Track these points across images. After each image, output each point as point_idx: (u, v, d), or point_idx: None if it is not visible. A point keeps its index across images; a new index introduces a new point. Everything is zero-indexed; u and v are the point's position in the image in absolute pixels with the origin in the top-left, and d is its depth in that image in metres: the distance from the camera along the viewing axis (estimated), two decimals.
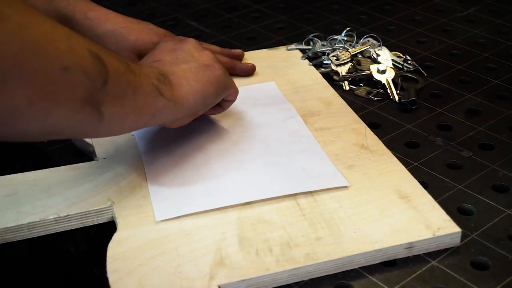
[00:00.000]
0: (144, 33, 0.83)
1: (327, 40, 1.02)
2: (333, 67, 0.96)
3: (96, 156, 0.78)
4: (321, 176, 0.75)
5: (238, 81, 0.85)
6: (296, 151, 0.79)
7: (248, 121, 0.85)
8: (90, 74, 0.57)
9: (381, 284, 0.64)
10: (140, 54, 0.82)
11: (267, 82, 0.94)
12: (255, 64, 0.96)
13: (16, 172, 0.75)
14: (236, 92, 0.78)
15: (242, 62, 0.96)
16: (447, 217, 0.69)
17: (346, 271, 0.65)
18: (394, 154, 0.79)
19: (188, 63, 0.72)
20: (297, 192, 0.72)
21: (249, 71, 0.94)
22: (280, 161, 0.77)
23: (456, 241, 0.68)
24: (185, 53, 0.74)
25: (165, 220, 0.69)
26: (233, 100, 0.79)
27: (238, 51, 0.96)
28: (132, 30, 0.82)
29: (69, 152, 0.82)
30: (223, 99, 0.77)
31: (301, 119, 0.85)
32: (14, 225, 0.68)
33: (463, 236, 0.69)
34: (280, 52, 1.01)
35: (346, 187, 0.73)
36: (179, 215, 0.69)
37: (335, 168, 0.76)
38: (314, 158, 0.78)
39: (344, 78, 0.95)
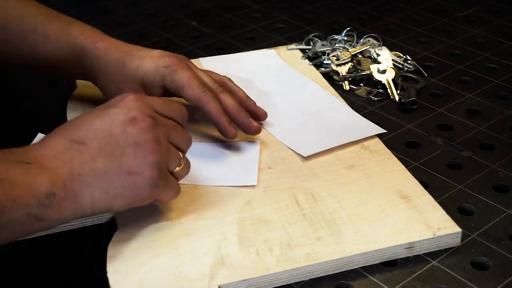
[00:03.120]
0: (146, 58, 0.79)
1: (327, 40, 1.02)
2: (333, 67, 0.96)
3: None
4: (358, 127, 0.80)
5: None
6: (325, 109, 0.85)
7: (268, 89, 0.90)
8: None
9: (382, 284, 0.64)
10: (143, 81, 0.78)
11: (267, 50, 0.99)
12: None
13: None
14: (170, 198, 0.66)
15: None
16: (448, 217, 0.69)
17: (347, 271, 0.65)
18: (394, 154, 0.79)
19: (109, 162, 0.61)
20: (342, 143, 0.78)
21: (257, 131, 0.80)
22: (314, 119, 0.83)
23: (457, 241, 0.68)
24: (117, 147, 0.62)
25: (166, 220, 0.69)
26: (163, 203, 0.69)
27: (262, 112, 0.83)
28: (135, 57, 0.79)
29: None
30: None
31: (316, 83, 0.90)
32: None
33: (464, 236, 0.68)
34: (281, 52, 1.01)
35: (346, 187, 0.73)
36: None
37: (367, 119, 0.83)
38: (344, 113, 0.84)
39: (344, 78, 0.95)
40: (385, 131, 0.82)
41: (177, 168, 0.66)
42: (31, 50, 0.82)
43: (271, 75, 0.94)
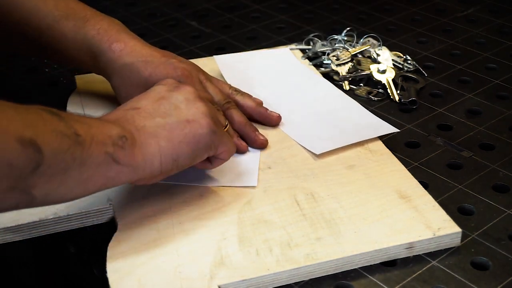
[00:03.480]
0: (160, 67, 0.78)
1: (327, 40, 1.02)
2: (333, 67, 0.96)
3: None
4: (371, 126, 0.81)
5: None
6: (338, 107, 0.86)
7: (282, 86, 0.91)
8: (17, 164, 0.54)
9: (381, 284, 0.64)
10: None
11: (281, 48, 1.00)
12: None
13: None
14: (229, 151, 0.71)
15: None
16: (448, 217, 0.69)
17: (346, 271, 0.65)
18: (394, 154, 0.79)
19: (167, 116, 0.67)
20: (355, 142, 0.79)
21: (263, 144, 0.81)
22: (327, 117, 0.83)
23: (457, 241, 0.68)
24: (170, 104, 0.68)
25: (166, 220, 0.69)
26: (225, 159, 0.72)
27: (275, 115, 0.84)
28: (149, 64, 0.79)
29: None
30: (213, 155, 0.70)
31: (329, 82, 0.92)
32: (14, 225, 0.68)
33: (464, 236, 0.68)
34: (277, 53, 1.01)
35: (346, 187, 0.73)
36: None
37: (379, 118, 0.84)
38: (357, 113, 0.85)
39: (344, 78, 0.95)
40: (398, 130, 0.82)
41: (224, 127, 0.72)
42: (48, 45, 0.82)
43: (285, 73, 0.94)
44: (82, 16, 0.81)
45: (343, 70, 0.95)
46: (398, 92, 0.92)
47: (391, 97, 0.91)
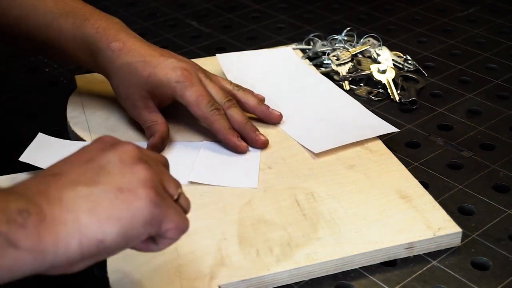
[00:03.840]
0: (159, 67, 0.77)
1: (327, 40, 1.02)
2: (334, 67, 0.96)
3: None
4: (371, 125, 0.82)
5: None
6: (338, 107, 0.86)
7: (283, 85, 0.91)
8: None
9: (382, 284, 0.64)
10: (152, 90, 0.78)
11: (283, 47, 1.00)
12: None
13: (17, 172, 0.75)
14: (177, 228, 0.53)
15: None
16: (448, 217, 0.69)
17: (347, 271, 0.65)
18: (394, 154, 0.79)
19: (92, 184, 0.50)
20: (354, 141, 0.79)
21: (264, 144, 0.79)
22: (327, 117, 0.84)
23: (457, 241, 0.68)
24: (99, 168, 0.52)
25: None
26: (173, 239, 0.54)
27: (277, 114, 0.83)
28: (148, 64, 0.78)
29: None
30: (157, 234, 0.54)
31: (331, 81, 0.92)
32: None
33: (464, 236, 0.68)
34: (280, 52, 1.01)
35: (346, 187, 0.73)
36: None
37: (380, 118, 0.84)
38: (357, 112, 0.85)
39: (344, 78, 0.95)
40: (398, 130, 0.82)
41: (176, 196, 0.55)
42: (46, 42, 0.81)
43: (286, 72, 0.94)
44: (81, 14, 0.80)
45: (343, 70, 0.95)
46: (398, 92, 0.92)
47: (391, 97, 0.91)
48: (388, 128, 0.82)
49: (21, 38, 0.83)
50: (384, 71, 0.94)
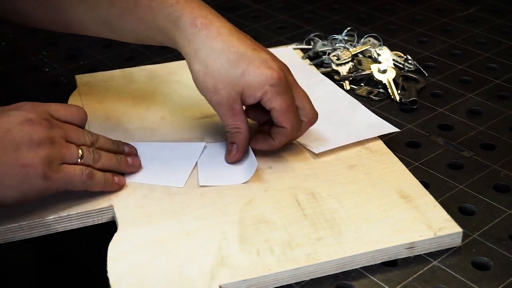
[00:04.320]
0: (253, 65, 0.70)
1: (327, 39, 1.02)
2: (334, 67, 0.96)
3: None
4: (372, 126, 0.82)
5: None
6: (339, 107, 0.86)
7: None
8: None
9: (382, 284, 0.64)
10: (243, 91, 0.71)
11: (284, 47, 1.00)
12: None
13: None
14: (76, 187, 0.69)
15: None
16: (448, 217, 0.69)
17: (347, 271, 0.65)
18: (395, 154, 0.79)
19: (5, 155, 0.64)
20: (354, 141, 0.79)
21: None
22: (328, 117, 0.83)
23: (458, 241, 0.68)
24: (12, 142, 0.65)
25: (166, 220, 0.69)
26: (101, 189, 0.71)
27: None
28: (242, 59, 0.70)
29: None
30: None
31: (331, 81, 0.92)
32: (14, 225, 0.68)
33: (464, 236, 0.68)
34: (281, 52, 1.01)
35: (346, 187, 0.73)
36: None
37: (380, 118, 0.84)
38: (358, 112, 0.86)
39: (344, 78, 0.95)
40: (399, 130, 0.82)
41: (78, 159, 0.68)
42: (119, 17, 0.74)
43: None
44: None
45: (343, 70, 0.95)
46: (399, 92, 0.92)
47: (392, 97, 0.91)
48: (389, 128, 0.82)
49: (93, 15, 0.76)
50: (384, 71, 0.94)
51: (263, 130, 0.78)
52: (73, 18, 0.77)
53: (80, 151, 0.69)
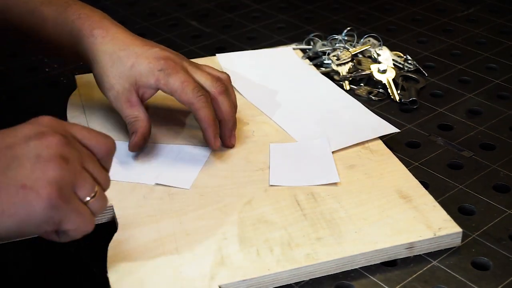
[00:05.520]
0: (142, 57, 0.75)
1: (327, 39, 1.02)
2: (334, 67, 0.96)
3: None
4: (372, 126, 0.81)
5: None
6: (339, 107, 0.86)
7: (284, 85, 0.91)
8: None
9: (382, 284, 0.64)
10: (135, 81, 0.76)
11: (284, 47, 1.00)
12: None
13: None
14: (79, 230, 0.55)
15: None
16: (448, 217, 0.69)
17: (347, 271, 0.65)
18: (395, 154, 0.79)
19: (1, 174, 0.52)
20: (355, 142, 0.79)
21: (228, 147, 0.79)
22: (328, 117, 0.83)
23: (457, 241, 0.68)
24: (14, 158, 0.52)
25: (166, 220, 0.69)
26: (75, 237, 0.56)
27: (232, 142, 0.79)
28: (131, 53, 0.75)
29: None
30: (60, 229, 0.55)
31: (331, 81, 0.92)
32: None
33: (464, 236, 0.68)
34: (280, 52, 1.01)
35: (346, 187, 0.73)
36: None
37: (380, 118, 0.84)
38: (358, 112, 0.85)
39: (344, 78, 0.95)
40: (398, 130, 0.82)
41: (88, 198, 0.55)
42: (30, 32, 0.80)
43: (287, 72, 0.94)
44: (64, 1, 0.79)
45: (343, 70, 0.95)
46: (399, 92, 0.92)
47: (392, 97, 0.91)
48: (389, 129, 0.82)
49: (7, 29, 0.82)
50: (384, 71, 0.94)
51: None
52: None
53: (96, 188, 0.56)
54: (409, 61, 0.99)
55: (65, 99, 0.88)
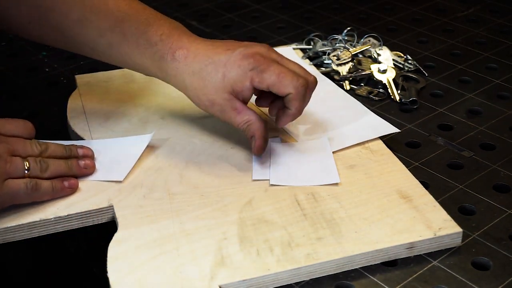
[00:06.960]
0: (230, 63, 0.73)
1: (327, 39, 1.02)
2: (334, 67, 0.96)
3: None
4: (372, 126, 0.81)
5: None
6: (339, 107, 0.86)
7: None
8: None
9: (382, 284, 0.64)
10: (233, 89, 0.73)
11: (284, 47, 1.00)
12: None
13: None
14: (48, 194, 0.71)
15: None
16: (448, 217, 0.69)
17: (347, 271, 0.65)
18: (395, 154, 0.79)
19: None
20: (356, 142, 0.79)
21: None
22: (329, 118, 0.83)
23: (457, 241, 0.68)
24: None
25: (166, 220, 0.69)
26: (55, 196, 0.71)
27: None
28: (218, 64, 0.73)
29: None
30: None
31: (331, 81, 0.92)
32: (14, 225, 0.68)
33: (464, 236, 0.68)
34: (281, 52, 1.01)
35: (346, 187, 0.73)
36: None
37: (381, 118, 0.84)
38: (358, 112, 0.85)
39: (344, 78, 0.95)
40: (399, 130, 0.82)
41: (26, 171, 0.69)
42: (108, 48, 0.78)
43: None
44: (144, 18, 0.77)
45: (343, 70, 0.95)
46: (399, 92, 0.92)
47: (392, 97, 0.91)
48: (389, 129, 0.82)
49: (80, 43, 0.79)
50: (384, 71, 0.94)
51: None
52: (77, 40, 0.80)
53: (26, 163, 0.69)
54: (409, 61, 0.99)
55: (65, 99, 0.88)
